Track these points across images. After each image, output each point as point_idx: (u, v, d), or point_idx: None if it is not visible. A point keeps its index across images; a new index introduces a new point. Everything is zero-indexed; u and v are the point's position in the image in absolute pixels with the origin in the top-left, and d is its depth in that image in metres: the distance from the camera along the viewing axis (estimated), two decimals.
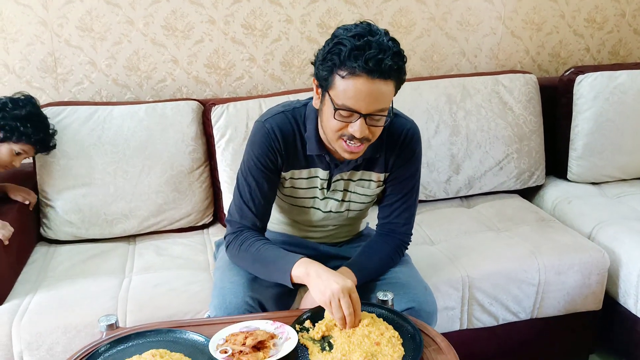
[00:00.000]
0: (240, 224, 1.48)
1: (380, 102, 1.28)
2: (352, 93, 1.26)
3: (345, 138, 1.33)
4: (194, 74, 2.33)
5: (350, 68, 1.25)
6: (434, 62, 2.57)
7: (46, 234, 2.03)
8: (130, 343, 1.24)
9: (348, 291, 1.24)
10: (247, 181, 1.47)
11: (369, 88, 1.25)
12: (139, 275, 1.83)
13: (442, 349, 1.23)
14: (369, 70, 1.23)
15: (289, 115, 1.46)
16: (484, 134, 2.28)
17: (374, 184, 1.53)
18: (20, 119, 1.81)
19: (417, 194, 1.57)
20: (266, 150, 1.44)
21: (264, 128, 1.45)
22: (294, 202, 1.55)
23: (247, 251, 1.44)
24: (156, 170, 2.05)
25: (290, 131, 1.46)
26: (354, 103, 1.27)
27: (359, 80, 1.25)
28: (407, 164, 1.51)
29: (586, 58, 2.78)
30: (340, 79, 1.27)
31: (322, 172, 1.49)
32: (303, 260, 1.36)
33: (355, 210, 1.57)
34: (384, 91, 1.27)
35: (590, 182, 2.44)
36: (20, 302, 1.68)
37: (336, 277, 1.28)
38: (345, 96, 1.27)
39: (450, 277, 1.81)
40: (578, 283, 1.90)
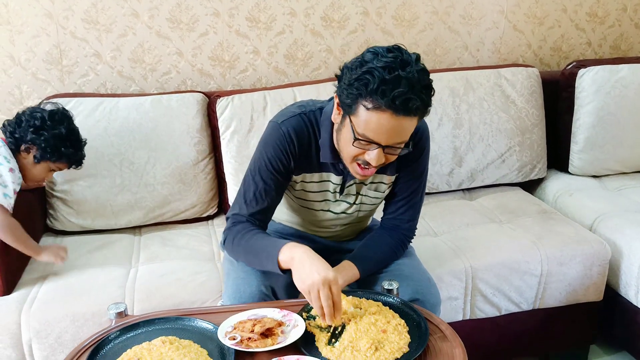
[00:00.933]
0: (235, 219, 1.47)
1: (401, 137, 1.28)
2: (375, 126, 1.24)
3: (360, 162, 1.33)
4: (198, 67, 2.34)
5: (376, 102, 1.22)
6: (437, 55, 2.58)
7: (52, 225, 2.04)
8: (139, 330, 1.26)
9: (329, 283, 1.21)
10: (255, 180, 1.45)
11: (392, 124, 1.24)
12: (145, 266, 1.85)
13: (447, 337, 1.25)
14: (395, 108, 1.21)
15: (305, 119, 1.43)
16: (486, 127, 2.30)
17: (384, 186, 1.53)
18: (60, 139, 1.76)
19: (423, 192, 1.57)
20: (279, 154, 1.43)
21: (279, 130, 1.42)
22: (304, 204, 1.54)
23: (239, 244, 1.43)
24: (161, 162, 2.06)
25: (306, 135, 1.43)
26: (375, 135, 1.26)
27: (383, 115, 1.23)
28: (416, 164, 1.51)
29: (588, 52, 2.79)
30: (365, 109, 1.24)
31: (335, 177, 1.49)
32: (289, 245, 1.33)
33: (365, 210, 1.58)
34: (407, 126, 1.26)
35: (591, 175, 2.45)
36: (29, 291, 1.70)
37: (319, 266, 1.24)
38: (367, 127, 1.25)
39: (453, 268, 1.83)
40: (579, 274, 1.92)
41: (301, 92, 2.16)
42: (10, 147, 1.76)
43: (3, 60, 2.15)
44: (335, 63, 2.46)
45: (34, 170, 1.79)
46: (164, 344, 1.18)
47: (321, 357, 1.17)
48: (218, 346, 1.20)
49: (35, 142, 1.75)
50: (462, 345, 1.22)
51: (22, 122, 1.76)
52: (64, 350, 1.61)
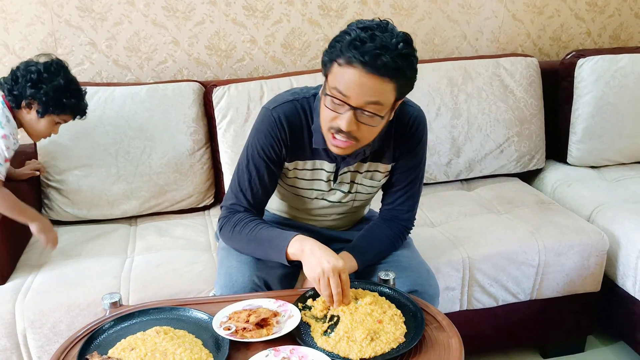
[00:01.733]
0: (232, 209, 1.47)
1: (372, 94, 1.24)
2: (344, 81, 1.23)
3: (334, 131, 1.30)
4: (194, 56, 2.32)
5: (347, 57, 1.22)
6: (435, 45, 2.56)
7: (48, 214, 2.03)
8: (134, 320, 1.25)
9: (338, 271, 1.25)
10: (248, 169, 1.45)
11: (361, 80, 1.22)
12: (141, 256, 1.84)
13: (443, 327, 1.24)
14: (364, 62, 1.20)
15: (297, 105, 1.42)
16: (484, 117, 2.28)
17: (380, 175, 1.51)
18: (60, 90, 1.70)
19: (421, 182, 1.56)
20: (271, 140, 1.42)
21: (271, 117, 1.41)
22: (297, 192, 1.53)
23: (241, 232, 1.42)
24: (157, 152, 2.05)
25: (298, 122, 1.42)
26: (344, 89, 1.24)
27: (353, 70, 1.22)
28: (413, 153, 1.49)
29: (587, 42, 2.77)
30: (338, 66, 1.25)
31: (329, 165, 1.47)
32: (298, 237, 1.35)
33: (361, 200, 1.57)
34: (377, 88, 1.23)
35: (589, 165, 2.44)
36: (23, 281, 1.69)
37: (329, 255, 1.27)
38: (337, 82, 1.25)
39: (450, 259, 1.82)
40: (577, 265, 1.92)
41: (298, 82, 2.14)
42: (10, 105, 1.71)
43: None
44: None
45: (39, 126, 1.75)
46: (159, 334, 1.17)
47: (317, 348, 1.16)
48: (213, 336, 1.19)
49: (36, 97, 1.69)
50: (458, 335, 1.21)
51: (18, 78, 1.71)
52: (59, 340, 1.61)
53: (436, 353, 1.17)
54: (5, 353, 1.61)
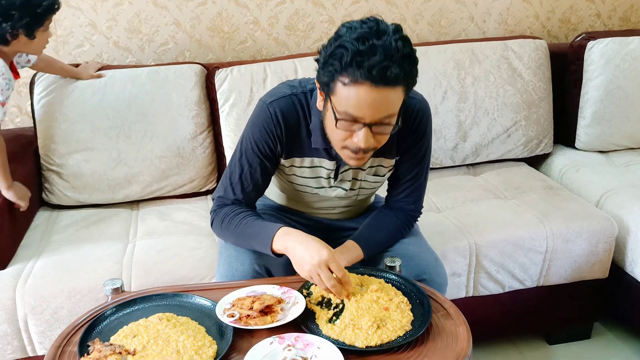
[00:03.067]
0: (221, 202, 1.43)
1: (386, 110, 1.19)
2: (355, 101, 1.16)
3: (350, 148, 1.25)
4: (196, 37, 2.28)
5: (352, 75, 1.14)
6: (442, 27, 2.52)
7: (48, 199, 2.01)
8: (136, 307, 1.23)
9: (325, 264, 1.19)
10: (241, 163, 1.40)
11: (372, 97, 1.15)
12: (143, 241, 1.82)
13: (450, 315, 1.22)
14: (372, 78, 1.13)
15: (295, 100, 1.36)
16: (492, 100, 2.24)
17: (384, 170, 1.47)
18: (28, 5, 1.61)
19: (427, 172, 1.51)
20: (265, 136, 1.37)
21: (267, 111, 1.36)
22: (298, 187, 1.49)
23: (228, 228, 1.39)
24: (159, 135, 2.02)
25: (295, 118, 1.37)
26: (356, 111, 1.18)
27: (362, 88, 1.15)
28: (418, 145, 1.44)
29: (597, 24, 2.72)
30: (342, 86, 1.17)
31: (328, 163, 1.42)
32: (281, 233, 1.30)
33: (365, 194, 1.53)
34: (390, 98, 1.18)
35: (598, 150, 2.41)
36: (24, 266, 1.67)
37: (312, 250, 1.22)
38: (347, 104, 1.18)
39: (457, 245, 1.80)
40: (585, 251, 1.89)
41: (302, 64, 2.10)
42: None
43: None
44: None
45: (35, 45, 1.70)
46: (161, 321, 1.15)
47: (322, 335, 1.14)
48: (216, 323, 1.17)
49: (15, 26, 1.63)
50: (466, 323, 1.19)
51: None
52: (61, 325, 1.59)
53: (443, 341, 1.15)
54: (6, 338, 1.59)
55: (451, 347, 1.13)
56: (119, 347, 1.07)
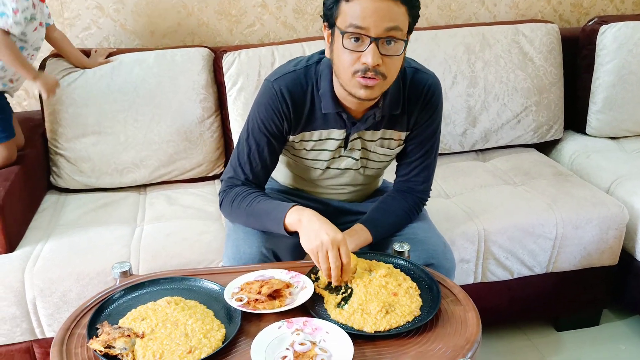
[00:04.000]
0: (231, 182, 1.43)
1: (390, 20, 1.19)
2: (359, 12, 1.18)
3: (360, 74, 1.23)
4: (204, 21, 2.26)
5: None
6: (452, 10, 2.48)
7: (56, 182, 2.01)
8: (144, 290, 1.23)
9: (337, 244, 1.19)
10: (248, 142, 1.40)
11: (375, 5, 1.17)
12: (151, 225, 1.81)
13: (459, 301, 1.21)
14: None
15: (300, 75, 1.37)
16: (502, 85, 2.22)
17: (394, 143, 1.46)
18: None
19: (437, 152, 1.51)
20: (272, 114, 1.37)
21: (272, 89, 1.36)
22: (306, 163, 1.49)
23: (239, 207, 1.39)
24: (166, 119, 2.01)
25: (301, 92, 1.37)
26: (361, 21, 1.18)
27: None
28: (429, 121, 1.44)
29: (609, 8, 2.68)
30: (345, 3, 1.20)
31: (338, 132, 1.41)
32: (296, 208, 1.31)
33: (373, 168, 1.52)
34: (393, 10, 1.19)
35: (609, 136, 2.38)
36: (32, 249, 1.68)
37: (328, 227, 1.22)
38: (352, 17, 1.19)
39: (465, 231, 1.79)
40: (595, 238, 1.87)
41: (310, 48, 2.08)
42: None
43: None
44: None
45: None
46: (169, 305, 1.15)
47: (330, 320, 1.13)
48: (224, 307, 1.17)
49: None
50: (475, 309, 1.18)
51: None
52: (69, 308, 1.60)
53: (452, 327, 1.14)
54: (15, 321, 1.60)
55: (460, 332, 1.12)
56: (127, 330, 1.07)
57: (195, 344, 1.05)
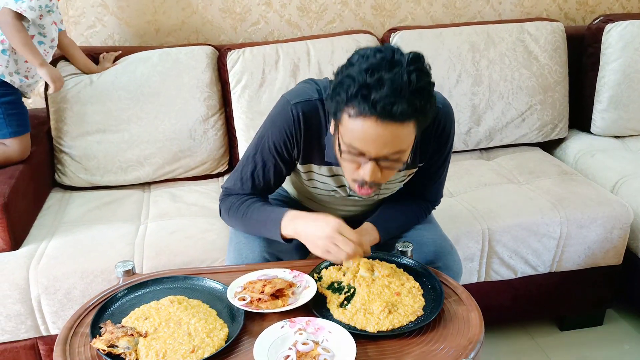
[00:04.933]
0: (228, 192, 1.40)
1: (393, 146, 1.12)
2: (360, 135, 1.11)
3: (358, 183, 1.20)
4: (208, 19, 2.26)
5: (357, 108, 1.08)
6: (457, 8, 2.47)
7: (61, 180, 2.02)
8: (147, 289, 1.23)
9: (337, 230, 1.19)
10: (255, 159, 1.35)
11: (378, 132, 1.09)
12: (155, 222, 1.82)
13: (462, 300, 1.21)
14: (378, 113, 1.07)
15: (320, 106, 1.28)
16: (507, 84, 2.21)
17: (406, 177, 1.42)
18: None
19: (447, 169, 1.47)
20: (284, 137, 1.30)
21: (289, 112, 1.28)
22: (318, 192, 1.45)
23: (235, 217, 1.36)
24: (170, 117, 2.01)
25: (317, 124, 1.29)
26: (361, 145, 1.12)
27: (367, 122, 1.08)
28: (441, 151, 1.39)
29: (615, 6, 2.66)
30: (348, 117, 1.11)
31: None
32: (288, 218, 1.27)
33: (384, 195, 1.48)
34: (397, 134, 1.10)
35: (614, 135, 2.37)
36: (37, 246, 1.68)
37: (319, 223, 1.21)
38: (352, 137, 1.12)
39: (470, 230, 1.78)
40: (600, 237, 1.87)
41: (315, 46, 2.08)
42: None
43: None
44: (351, 16, 2.37)
45: None
46: (172, 304, 1.15)
47: (333, 320, 1.13)
48: (227, 306, 1.17)
49: None
50: (478, 309, 1.18)
51: None
52: (73, 306, 1.60)
53: (455, 327, 1.14)
54: (20, 318, 1.61)
55: (463, 332, 1.12)
56: (130, 329, 1.08)
57: (198, 343, 1.05)
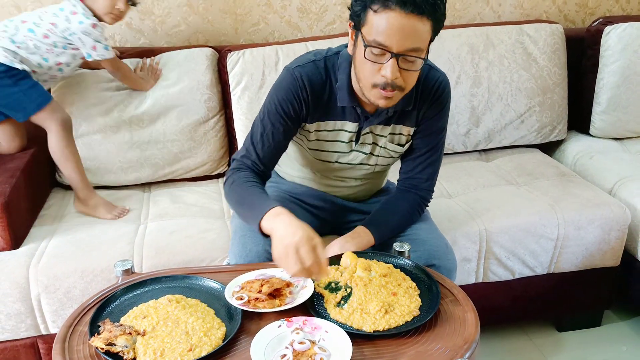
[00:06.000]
0: (241, 162, 1.42)
1: (413, 40, 1.20)
2: (384, 28, 1.19)
3: (379, 87, 1.26)
4: (209, 20, 2.27)
5: (383, 1, 1.18)
6: (457, 10, 2.48)
7: (61, 179, 2.03)
8: (146, 288, 1.24)
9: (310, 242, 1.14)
10: (263, 123, 1.41)
11: (401, 23, 1.18)
12: (155, 222, 1.83)
13: (459, 301, 1.22)
14: (402, 2, 1.16)
15: (320, 65, 1.39)
16: (506, 85, 2.22)
17: (404, 138, 1.47)
18: None
19: (442, 149, 1.52)
20: (291, 97, 1.38)
21: (292, 75, 1.38)
22: (319, 155, 1.50)
23: (234, 191, 1.38)
24: (171, 119, 2.02)
25: (320, 82, 1.39)
26: (385, 39, 1.19)
27: (391, 13, 1.17)
28: (436, 117, 1.45)
29: (615, 8, 2.67)
30: (373, 13, 1.20)
31: (351, 125, 1.43)
32: (273, 212, 1.24)
33: (382, 164, 1.53)
34: (418, 28, 1.19)
35: (612, 137, 2.38)
36: (37, 245, 1.70)
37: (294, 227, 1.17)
38: (376, 31, 1.20)
39: (467, 231, 1.79)
40: (597, 239, 1.88)
41: (314, 47, 2.09)
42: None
43: (9, 10, 2.10)
44: None
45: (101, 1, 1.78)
46: (171, 303, 1.16)
47: (329, 319, 1.14)
48: (225, 306, 1.18)
49: None
50: (474, 309, 1.19)
51: None
52: (73, 305, 1.61)
53: (451, 327, 1.15)
54: (20, 317, 1.62)
55: (459, 332, 1.13)
56: (129, 327, 1.09)
57: (195, 342, 1.06)
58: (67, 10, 1.76)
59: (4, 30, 1.75)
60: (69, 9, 1.76)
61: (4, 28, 1.75)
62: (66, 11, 1.76)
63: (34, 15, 1.77)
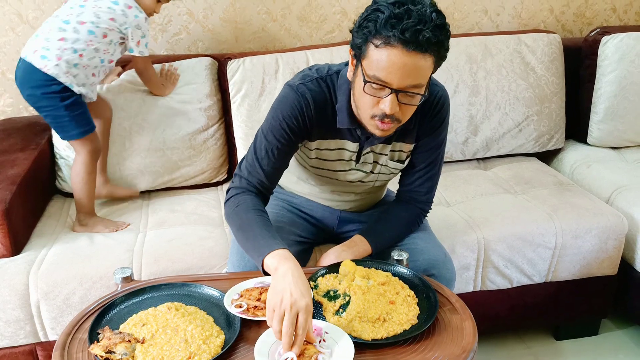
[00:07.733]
0: (248, 181, 1.40)
1: (414, 77, 1.18)
2: (385, 65, 1.17)
3: (378, 118, 1.25)
4: (209, 28, 2.28)
5: (385, 37, 1.15)
6: (455, 20, 2.50)
7: (61, 187, 2.03)
8: (145, 296, 1.25)
9: (297, 310, 1.07)
10: (267, 138, 1.39)
11: (403, 61, 1.15)
12: (154, 230, 1.84)
13: (457, 309, 1.23)
14: (405, 41, 1.13)
15: (322, 83, 1.37)
16: (504, 94, 2.23)
17: (404, 155, 1.47)
18: None
19: (441, 163, 1.52)
20: (296, 114, 1.35)
21: (296, 92, 1.35)
22: (320, 172, 1.49)
23: (239, 215, 1.34)
24: (171, 127, 2.03)
25: (323, 100, 1.37)
26: (386, 75, 1.18)
27: (393, 51, 1.15)
28: (436, 133, 1.44)
29: (612, 18, 2.69)
30: (374, 48, 1.18)
31: (352, 145, 1.42)
32: (279, 253, 1.21)
33: (383, 180, 1.53)
34: (420, 66, 1.17)
35: (610, 146, 2.39)
36: (37, 252, 1.70)
37: (297, 289, 1.10)
38: (377, 67, 1.18)
39: (465, 239, 1.80)
40: (595, 247, 1.88)
41: (314, 56, 2.11)
42: None
43: (11, 18, 2.11)
44: (350, 26, 2.38)
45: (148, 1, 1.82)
46: (170, 310, 1.17)
47: None
48: (224, 313, 1.19)
49: None
50: (472, 318, 1.20)
51: None
52: (72, 312, 1.62)
53: (449, 335, 1.15)
54: (19, 323, 1.62)
55: (457, 341, 1.14)
56: (128, 335, 1.09)
57: (194, 349, 1.07)
58: (122, 4, 1.76)
59: (63, 37, 1.70)
60: (124, 3, 1.76)
61: (62, 33, 1.70)
62: (121, 5, 1.75)
63: (90, 13, 1.72)
